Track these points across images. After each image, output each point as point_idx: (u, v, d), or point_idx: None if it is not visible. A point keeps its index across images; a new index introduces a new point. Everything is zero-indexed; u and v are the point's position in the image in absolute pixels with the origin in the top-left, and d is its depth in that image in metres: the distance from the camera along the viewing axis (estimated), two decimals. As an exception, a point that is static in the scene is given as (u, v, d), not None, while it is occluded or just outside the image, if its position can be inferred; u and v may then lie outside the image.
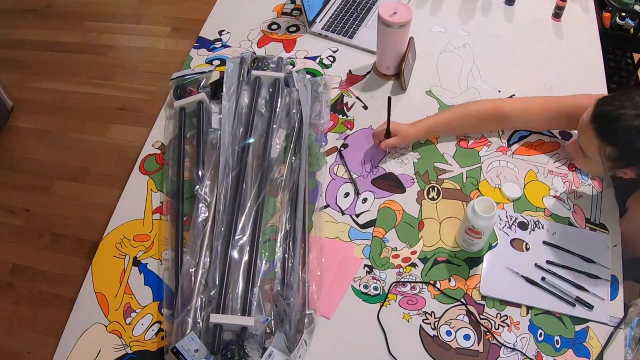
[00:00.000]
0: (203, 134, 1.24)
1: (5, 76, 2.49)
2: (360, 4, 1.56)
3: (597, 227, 1.10)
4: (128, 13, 2.87)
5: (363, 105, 1.34)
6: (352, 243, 1.11)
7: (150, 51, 2.66)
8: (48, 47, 2.73)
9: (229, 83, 1.31)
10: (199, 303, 1.00)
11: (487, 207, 0.97)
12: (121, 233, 1.14)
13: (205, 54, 1.48)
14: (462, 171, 1.20)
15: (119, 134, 2.34)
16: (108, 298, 1.05)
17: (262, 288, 1.03)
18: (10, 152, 2.33)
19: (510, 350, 0.96)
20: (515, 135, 1.25)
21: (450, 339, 0.98)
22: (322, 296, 1.03)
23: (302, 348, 0.95)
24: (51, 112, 2.46)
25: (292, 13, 1.59)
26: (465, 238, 1.04)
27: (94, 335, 1.01)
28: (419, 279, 1.05)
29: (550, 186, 1.17)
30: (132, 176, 1.23)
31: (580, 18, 1.50)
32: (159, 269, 1.09)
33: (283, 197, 1.15)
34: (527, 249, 1.08)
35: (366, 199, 1.17)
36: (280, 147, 1.23)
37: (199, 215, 1.11)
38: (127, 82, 2.54)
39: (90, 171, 2.23)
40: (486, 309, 1.01)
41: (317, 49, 1.48)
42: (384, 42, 1.30)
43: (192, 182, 1.17)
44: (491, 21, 1.51)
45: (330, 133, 1.29)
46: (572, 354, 0.95)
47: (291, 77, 1.33)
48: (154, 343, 1.00)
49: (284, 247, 1.08)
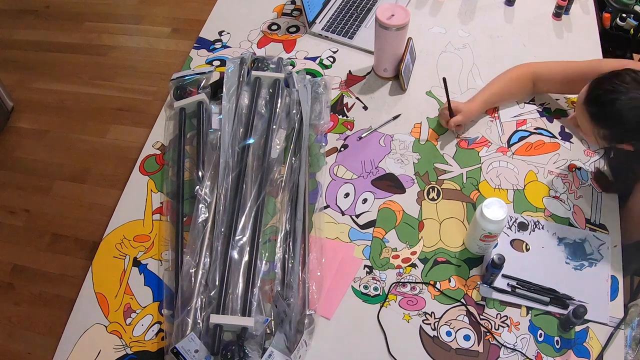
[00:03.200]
0: (203, 135, 1.24)
1: (6, 77, 2.49)
2: (360, 5, 1.56)
3: (597, 228, 1.10)
4: (128, 13, 2.87)
5: (363, 105, 1.34)
6: (352, 243, 1.11)
7: (151, 52, 2.67)
8: (48, 47, 2.73)
9: (229, 84, 1.31)
10: (199, 303, 1.00)
11: (497, 209, 0.97)
12: (121, 233, 1.14)
13: (206, 54, 1.48)
14: (462, 172, 1.20)
15: (119, 135, 2.34)
16: (108, 298, 1.05)
17: (262, 288, 1.03)
18: (11, 153, 2.33)
19: (511, 350, 0.96)
20: (515, 136, 1.26)
21: (450, 340, 0.98)
22: (322, 297, 1.03)
23: (302, 348, 0.95)
24: (51, 112, 2.46)
25: (292, 14, 1.59)
26: (481, 245, 1.03)
27: (94, 336, 1.01)
28: (419, 279, 1.05)
29: (550, 187, 1.17)
30: (132, 177, 1.23)
31: (580, 18, 1.50)
32: (159, 270, 1.09)
33: (283, 198, 1.15)
34: (527, 250, 1.08)
35: (366, 199, 1.17)
36: (280, 147, 1.23)
37: (199, 216, 1.11)
38: (127, 83, 2.54)
39: (90, 172, 2.23)
40: (486, 310, 1.01)
41: (317, 49, 1.48)
42: (382, 45, 1.30)
43: (192, 182, 1.17)
44: (491, 21, 1.51)
45: (330, 133, 1.29)
46: (572, 354, 0.95)
47: (291, 77, 1.33)
48: (154, 343, 1.00)
49: (284, 247, 1.08)
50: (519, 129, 1.27)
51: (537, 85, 1.27)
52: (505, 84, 1.27)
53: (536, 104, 1.31)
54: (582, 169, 1.19)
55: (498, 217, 0.96)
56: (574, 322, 0.94)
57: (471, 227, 1.05)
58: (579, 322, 0.95)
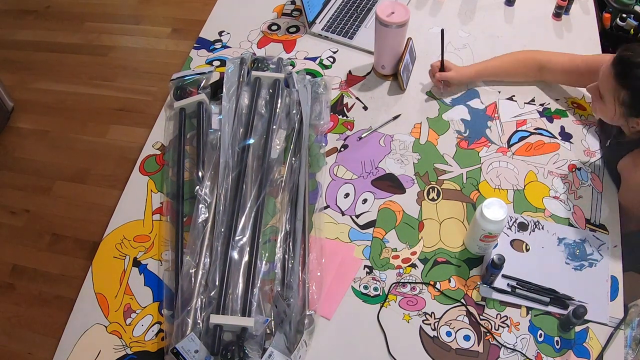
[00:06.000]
0: (203, 135, 1.24)
1: (6, 77, 2.49)
2: (360, 5, 1.56)
3: (597, 228, 1.10)
4: (128, 14, 2.87)
5: (363, 105, 1.34)
6: (352, 244, 1.11)
7: (151, 52, 2.67)
8: (48, 47, 2.73)
9: (229, 84, 1.31)
10: (199, 304, 1.00)
11: (497, 209, 0.97)
12: (121, 234, 1.14)
13: (205, 54, 1.48)
14: (462, 172, 1.20)
15: (119, 135, 2.34)
16: (108, 299, 1.05)
17: (262, 289, 1.03)
18: (11, 153, 2.33)
19: (510, 350, 0.96)
20: (515, 136, 1.26)
21: (450, 340, 0.98)
22: (322, 297, 1.03)
23: (302, 349, 0.95)
24: (51, 113, 2.46)
25: (292, 14, 1.59)
26: (481, 245, 1.03)
27: (94, 336, 1.01)
28: (419, 279, 1.05)
29: (550, 187, 1.17)
30: (132, 177, 1.23)
31: (580, 19, 1.50)
32: (159, 270, 1.09)
33: (283, 198, 1.15)
34: (527, 250, 1.08)
35: (366, 199, 1.17)
36: (280, 147, 1.23)
37: (199, 216, 1.11)
38: (127, 83, 2.54)
39: (90, 172, 2.23)
40: (486, 310, 1.01)
41: (317, 49, 1.48)
42: (381, 42, 1.30)
43: (192, 182, 1.17)
44: (491, 21, 1.51)
45: (330, 134, 1.29)
46: (572, 354, 0.95)
47: (291, 77, 1.33)
48: (154, 344, 1.00)
49: (284, 247, 1.08)
50: (519, 129, 1.27)
51: (543, 73, 1.29)
52: (508, 62, 1.30)
53: (536, 104, 1.31)
54: (582, 169, 1.19)
55: (498, 218, 0.96)
56: (574, 322, 0.94)
57: (471, 228, 1.05)
58: (579, 322, 0.95)
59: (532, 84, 1.35)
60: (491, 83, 1.36)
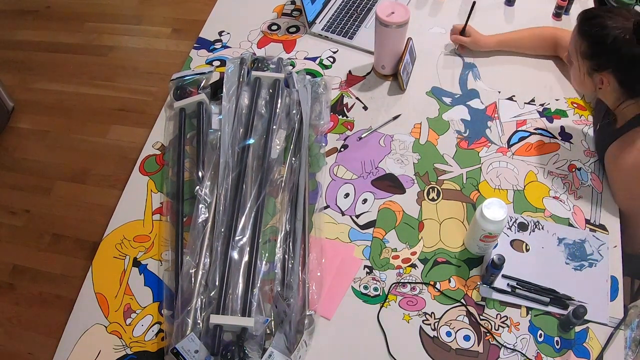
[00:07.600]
0: (203, 135, 1.24)
1: (6, 77, 2.49)
2: (360, 5, 1.56)
3: (597, 228, 1.10)
4: (129, 14, 2.87)
5: (363, 105, 1.34)
6: (352, 244, 1.11)
7: (151, 52, 2.67)
8: (49, 48, 2.73)
9: (229, 84, 1.31)
10: (199, 304, 1.00)
11: (497, 209, 0.97)
12: (121, 234, 1.14)
13: (205, 54, 1.49)
14: (462, 172, 1.20)
15: (119, 135, 2.35)
16: (108, 299, 1.06)
17: (262, 289, 1.03)
18: (11, 153, 2.33)
19: (510, 351, 0.96)
20: (515, 136, 1.26)
21: (450, 340, 0.98)
22: (322, 297, 1.03)
23: (302, 349, 0.95)
24: (52, 113, 2.46)
25: (292, 14, 1.59)
26: (481, 245, 1.03)
27: (94, 336, 1.01)
28: (419, 279, 1.05)
29: (550, 187, 1.17)
30: (132, 177, 1.23)
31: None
32: (159, 270, 1.09)
33: (283, 198, 1.15)
34: (527, 250, 1.08)
35: (366, 199, 1.17)
36: (280, 147, 1.23)
37: (199, 216, 1.11)
38: (127, 83, 2.54)
39: (90, 172, 2.23)
40: (486, 310, 1.01)
41: (317, 49, 1.48)
42: (381, 42, 1.30)
43: (192, 183, 1.17)
44: (491, 21, 1.51)
45: (330, 134, 1.29)
46: (572, 354, 0.95)
47: (291, 77, 1.33)
48: (154, 344, 1.00)
49: (284, 247, 1.08)
50: (519, 129, 1.27)
51: (558, 50, 1.36)
52: (527, 36, 1.38)
53: (536, 104, 1.31)
54: (582, 169, 1.19)
55: (498, 218, 0.96)
56: (573, 323, 0.94)
57: (471, 228, 1.05)
58: (578, 323, 0.95)
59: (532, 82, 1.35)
60: (491, 83, 1.36)
